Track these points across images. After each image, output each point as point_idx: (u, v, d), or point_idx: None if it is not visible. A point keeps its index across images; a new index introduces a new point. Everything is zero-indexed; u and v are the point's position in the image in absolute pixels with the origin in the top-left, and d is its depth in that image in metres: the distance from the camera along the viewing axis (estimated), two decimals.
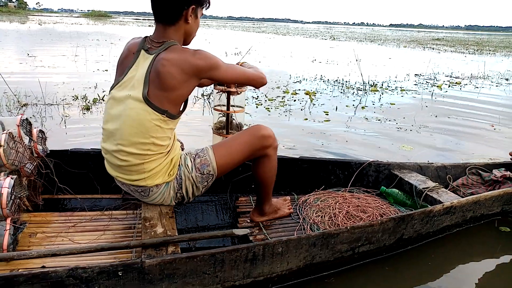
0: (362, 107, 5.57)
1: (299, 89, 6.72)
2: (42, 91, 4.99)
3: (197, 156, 1.78)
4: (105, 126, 1.71)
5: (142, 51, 1.63)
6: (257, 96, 5.89)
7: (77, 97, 5.13)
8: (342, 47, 17.89)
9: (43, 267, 1.52)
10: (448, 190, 2.36)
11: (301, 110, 5.20)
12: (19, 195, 1.73)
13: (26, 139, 1.92)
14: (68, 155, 2.13)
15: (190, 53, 1.59)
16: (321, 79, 8.10)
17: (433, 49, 20.62)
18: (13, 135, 1.75)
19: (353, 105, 5.72)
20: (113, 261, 1.55)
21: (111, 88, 1.71)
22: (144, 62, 1.61)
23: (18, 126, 1.85)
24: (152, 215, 1.70)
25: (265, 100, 5.65)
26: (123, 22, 42.02)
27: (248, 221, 2.06)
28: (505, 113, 5.57)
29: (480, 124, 4.89)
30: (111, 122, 1.67)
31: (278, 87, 6.81)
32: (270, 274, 1.59)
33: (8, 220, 1.53)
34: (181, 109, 1.71)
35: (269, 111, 5.05)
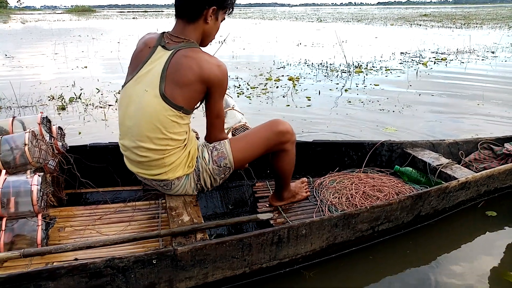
0: (345, 90, 5.49)
1: (283, 75, 6.62)
2: (15, 93, 4.88)
3: (214, 149, 1.79)
4: (122, 122, 1.72)
5: (159, 47, 1.64)
6: (239, 85, 5.80)
7: (53, 97, 4.97)
8: (329, 29, 17.59)
9: (76, 259, 1.58)
10: (461, 166, 2.40)
11: (284, 97, 5.11)
12: (46, 192, 1.78)
13: (47, 136, 1.96)
14: (87, 150, 2.18)
15: (214, 60, 1.62)
16: (305, 63, 7.99)
17: (420, 25, 20.31)
18: (35, 134, 1.78)
19: (337, 88, 5.64)
20: (144, 251, 1.61)
21: (125, 83, 1.72)
22: (161, 57, 1.62)
23: (39, 124, 1.89)
24: (177, 205, 1.75)
25: (247, 89, 5.58)
26: (107, 16, 41.23)
27: (267, 205, 2.10)
28: (489, 88, 5.49)
29: (464, 101, 4.82)
30: (128, 119, 1.68)
31: (261, 74, 6.71)
32: (295, 255, 1.65)
33: (40, 216, 1.58)
34: (196, 106, 1.73)
35: (250, 99, 4.97)
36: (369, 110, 4.45)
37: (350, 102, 4.84)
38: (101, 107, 4.58)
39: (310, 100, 4.94)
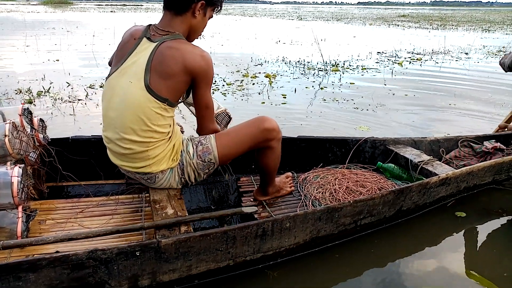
0: (321, 88, 5.50)
1: (260, 72, 6.57)
2: None
3: (199, 144, 1.78)
4: (106, 113, 1.70)
5: (144, 39, 1.63)
6: (215, 81, 5.71)
7: (20, 91, 4.78)
8: (308, 27, 17.52)
9: (57, 252, 1.56)
10: (442, 162, 2.44)
11: (259, 94, 5.07)
12: (26, 184, 1.75)
13: (28, 128, 1.92)
14: (69, 142, 2.14)
15: (198, 50, 1.60)
16: (283, 60, 7.95)
17: (398, 25, 20.62)
18: (16, 125, 1.75)
19: (313, 86, 5.63)
20: (127, 244, 1.60)
21: (109, 74, 1.70)
22: (145, 49, 1.61)
23: (20, 115, 1.85)
24: (161, 198, 1.74)
25: (223, 85, 5.53)
26: (84, 9, 39.81)
27: (252, 200, 2.11)
28: (461, 88, 5.61)
29: (437, 100, 4.90)
30: (111, 110, 1.66)
31: (238, 71, 6.65)
32: (279, 248, 1.66)
33: (20, 208, 1.55)
34: (181, 99, 1.72)
35: (225, 96, 4.93)
36: (343, 109, 4.45)
37: (325, 100, 4.82)
38: (70, 102, 4.43)
39: (285, 97, 4.92)
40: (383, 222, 1.99)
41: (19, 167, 1.60)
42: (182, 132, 2.05)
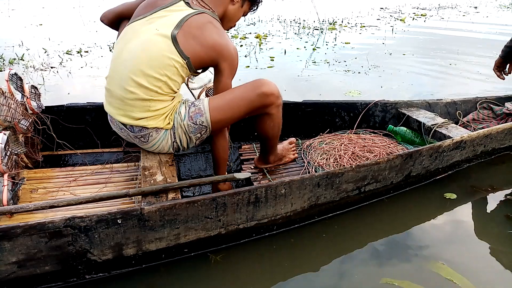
0: (313, 49, 5.12)
1: (250, 33, 6.16)
2: None
3: (192, 105, 1.69)
4: (118, 55, 1.61)
5: (182, 2, 1.60)
6: None
7: None
8: None
9: None
10: (459, 126, 2.28)
11: (246, 56, 4.74)
12: (16, 152, 1.70)
13: (18, 95, 1.86)
14: (65, 110, 2.08)
15: (231, 43, 1.61)
16: (278, 19, 7.45)
17: None
18: (2, 91, 1.69)
19: (305, 47, 5.24)
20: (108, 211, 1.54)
21: (132, 21, 1.64)
22: (181, 10, 1.58)
23: (7, 81, 1.79)
24: (152, 164, 1.66)
25: None
26: None
27: (252, 167, 2.02)
28: (465, 45, 5.15)
29: (436, 60, 4.54)
30: (127, 52, 1.57)
31: (227, 31, 6.33)
32: (274, 216, 1.57)
33: (6, 176, 1.51)
34: (198, 71, 1.67)
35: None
36: (333, 71, 4.15)
37: (315, 62, 4.50)
38: (41, 70, 4.17)
39: (273, 60, 4.61)
40: (391, 189, 1.87)
41: (4, 133, 1.55)
42: None
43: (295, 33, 6.20)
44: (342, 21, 7.14)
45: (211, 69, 2.01)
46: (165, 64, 1.53)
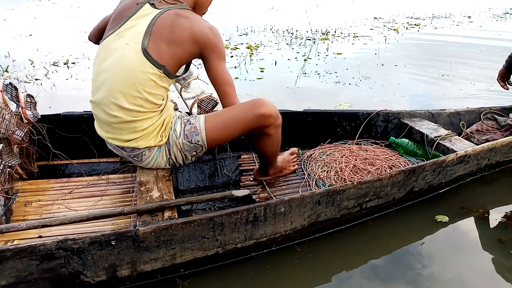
0: (305, 59, 5.03)
1: (242, 43, 6.05)
2: None
3: (188, 122, 1.65)
4: (96, 77, 1.59)
5: (147, 4, 1.54)
6: None
7: None
8: None
9: (40, 237, 1.48)
10: (462, 137, 2.24)
11: (235, 67, 4.58)
12: (10, 164, 1.66)
13: (13, 106, 1.82)
14: (61, 119, 2.04)
15: (206, 23, 1.54)
16: (270, 29, 7.35)
17: None
18: None
19: (296, 58, 5.14)
20: (110, 228, 1.51)
21: (104, 37, 1.60)
22: (148, 14, 1.52)
23: (1, 91, 1.75)
24: (148, 179, 1.63)
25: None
26: None
27: (251, 179, 1.98)
28: (457, 56, 5.07)
29: (429, 71, 4.45)
30: (103, 73, 1.55)
31: None
32: (273, 234, 1.53)
33: None
34: (180, 73, 1.63)
35: (198, 69, 4.57)
36: (323, 83, 4.06)
37: (305, 74, 4.41)
38: (26, 82, 4.04)
39: (263, 71, 4.49)
40: (393, 204, 1.83)
41: None
42: (176, 109, 1.92)
43: (287, 44, 6.12)
44: (335, 31, 7.05)
45: (204, 79, 1.97)
46: (141, 80, 1.49)
